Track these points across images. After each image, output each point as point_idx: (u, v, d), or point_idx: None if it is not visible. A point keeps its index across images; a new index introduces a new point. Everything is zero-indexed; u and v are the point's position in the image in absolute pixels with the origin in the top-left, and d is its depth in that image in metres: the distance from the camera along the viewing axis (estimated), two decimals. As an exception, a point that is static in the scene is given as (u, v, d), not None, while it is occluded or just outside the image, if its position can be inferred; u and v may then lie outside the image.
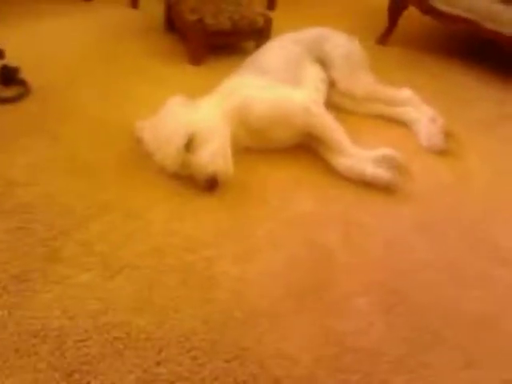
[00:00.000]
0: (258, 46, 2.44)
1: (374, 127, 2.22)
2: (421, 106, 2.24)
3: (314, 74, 2.18)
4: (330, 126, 1.94)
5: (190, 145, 1.74)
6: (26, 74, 2.14)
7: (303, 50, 2.20)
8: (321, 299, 1.46)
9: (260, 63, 2.09)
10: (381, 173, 1.85)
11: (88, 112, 2.06)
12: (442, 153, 2.12)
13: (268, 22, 2.53)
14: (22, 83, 2.06)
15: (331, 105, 2.25)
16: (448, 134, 2.15)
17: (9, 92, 2.05)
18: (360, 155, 1.91)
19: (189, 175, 1.77)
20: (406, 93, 2.28)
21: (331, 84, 2.26)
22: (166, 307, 1.38)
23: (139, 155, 1.83)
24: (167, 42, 2.76)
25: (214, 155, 1.72)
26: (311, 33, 2.31)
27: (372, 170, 1.86)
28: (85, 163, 1.81)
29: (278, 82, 2.00)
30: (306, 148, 2.02)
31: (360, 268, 1.57)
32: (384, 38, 2.89)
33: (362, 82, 2.23)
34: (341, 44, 2.26)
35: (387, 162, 1.91)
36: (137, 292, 1.41)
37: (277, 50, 2.16)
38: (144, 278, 1.45)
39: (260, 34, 2.53)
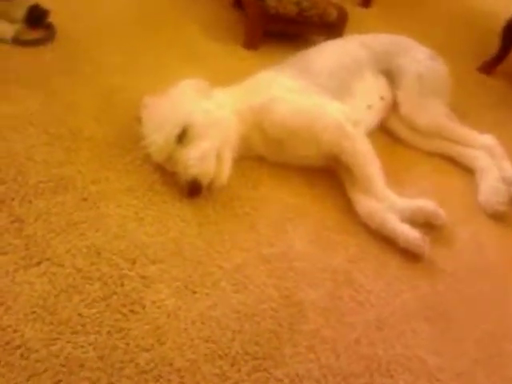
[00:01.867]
0: (328, 42, 2.06)
1: (427, 168, 1.80)
2: (502, 160, 1.77)
3: (372, 89, 1.80)
4: (364, 155, 1.56)
5: (183, 137, 1.45)
6: (55, 21, 1.95)
7: (369, 58, 1.82)
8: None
9: (306, 62, 1.74)
10: (406, 230, 1.45)
11: (105, 77, 1.82)
12: (502, 219, 1.64)
13: (343, 16, 2.16)
14: (49, 27, 1.88)
15: (387, 130, 1.86)
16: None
17: (33, 34, 1.88)
18: (390, 201, 1.52)
19: (174, 172, 1.48)
20: (487, 140, 1.82)
21: (394, 106, 1.84)
22: (67, 324, 1.12)
23: (134, 135, 1.57)
24: (229, 18, 2.44)
25: (204, 156, 1.43)
26: (387, 39, 1.91)
27: (395, 224, 1.47)
28: (70, 130, 1.58)
29: (316, 88, 1.64)
30: (330, 173, 1.65)
31: (325, 352, 1.21)
32: (489, 66, 2.38)
33: (430, 112, 1.80)
34: (419, 60, 1.84)
35: (422, 218, 1.51)
36: (43, 293, 1.16)
37: (333, 51, 1.80)
38: (61, 280, 1.20)
39: (331, 29, 2.16)
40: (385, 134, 1.88)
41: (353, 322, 1.29)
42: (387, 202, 1.51)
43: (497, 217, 1.64)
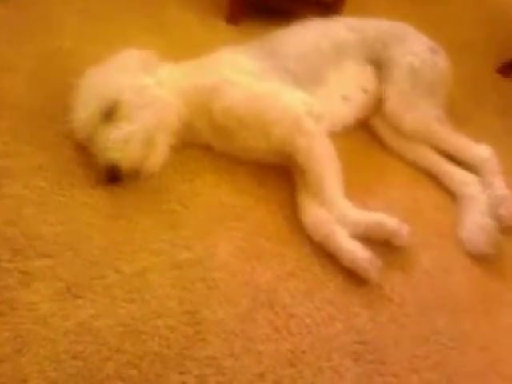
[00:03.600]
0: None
1: (403, 179, 1.54)
2: (494, 176, 1.48)
3: (351, 79, 1.55)
4: (320, 156, 1.33)
5: (112, 115, 1.26)
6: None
7: (357, 44, 1.56)
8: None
9: (276, 42, 1.50)
10: (354, 249, 1.22)
11: (53, 38, 1.63)
12: (483, 260, 1.38)
13: None
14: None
15: (369, 130, 1.61)
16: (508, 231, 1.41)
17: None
18: (342, 211, 1.29)
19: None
20: (481, 151, 1.53)
21: (380, 101, 1.58)
22: None
23: (64, 107, 1.38)
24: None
25: (128, 138, 1.24)
26: (382, 25, 1.64)
27: (342, 239, 1.24)
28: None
29: (280, 72, 1.41)
30: (284, 172, 1.43)
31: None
32: (509, 68, 2.06)
33: (419, 113, 1.52)
34: (415, 52, 1.57)
35: (380, 235, 1.28)
36: None
37: (311, 32, 1.54)
38: None
39: (327, 9, 1.89)
40: (367, 133, 1.63)
41: (261, 352, 1.09)
42: (338, 213, 1.28)
43: (478, 257, 1.37)
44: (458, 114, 1.73)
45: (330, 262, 1.26)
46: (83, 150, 1.31)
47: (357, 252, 1.22)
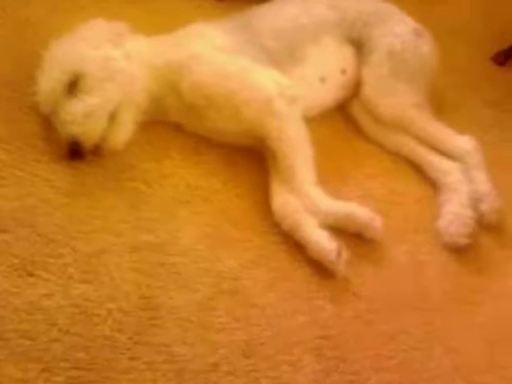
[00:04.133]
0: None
1: (381, 167, 1.48)
2: (477, 170, 1.43)
3: (330, 59, 1.49)
4: (292, 140, 1.28)
5: (73, 87, 1.21)
6: None
7: (337, 22, 1.50)
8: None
9: (252, 18, 1.44)
10: (321, 240, 1.18)
11: (26, 5, 1.57)
12: (460, 258, 1.33)
13: None
14: None
15: (348, 114, 1.56)
16: (490, 228, 1.36)
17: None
18: (313, 200, 1.24)
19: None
20: (462, 142, 1.47)
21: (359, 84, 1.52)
22: None
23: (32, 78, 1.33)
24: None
25: (89, 113, 1.19)
26: (365, 3, 1.57)
27: (309, 229, 1.20)
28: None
29: (253, 49, 1.35)
30: (256, 155, 1.38)
31: (168, 373, 0.99)
32: (504, 57, 1.99)
33: (398, 99, 1.46)
34: (397, 33, 1.50)
35: (351, 227, 1.24)
36: None
37: (290, 8, 1.48)
38: None
39: None
40: (345, 116, 1.57)
41: (216, 342, 1.05)
42: (308, 201, 1.24)
43: (454, 249, 1.32)
44: (445, 102, 1.68)
45: (297, 252, 1.22)
46: (49, 124, 1.26)
47: (324, 243, 1.17)
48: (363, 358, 1.10)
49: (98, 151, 1.24)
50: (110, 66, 1.24)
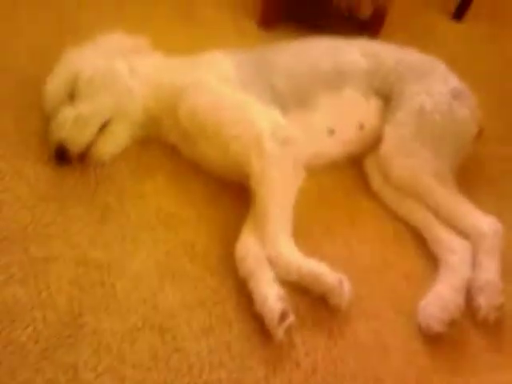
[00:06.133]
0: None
1: (380, 236, 1.35)
2: (489, 256, 1.25)
3: (346, 111, 1.39)
4: (273, 184, 1.21)
5: (74, 92, 1.26)
6: None
7: (365, 72, 1.40)
8: None
9: (272, 55, 1.39)
10: (269, 298, 1.10)
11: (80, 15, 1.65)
12: (435, 343, 1.17)
13: (377, 17, 1.70)
14: None
15: (359, 169, 1.45)
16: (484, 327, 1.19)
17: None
18: (278, 251, 1.17)
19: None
20: (485, 223, 1.28)
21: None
22: None
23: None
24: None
25: (79, 120, 1.24)
26: (408, 57, 1.45)
27: (261, 282, 1.13)
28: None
29: (262, 86, 1.30)
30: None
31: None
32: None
33: (417, 165, 1.32)
34: (433, 93, 1.37)
35: (316, 288, 1.15)
36: None
37: (316, 50, 1.41)
38: None
39: (363, 28, 1.72)
40: (356, 172, 1.46)
41: (126, 378, 1.02)
42: (273, 251, 1.16)
43: (425, 332, 1.17)
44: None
45: (248, 302, 1.14)
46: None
47: (270, 301, 1.09)
48: None
49: (84, 159, 1.26)
50: (109, 78, 1.27)
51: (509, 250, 1.28)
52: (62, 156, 1.23)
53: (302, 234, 1.24)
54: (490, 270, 1.22)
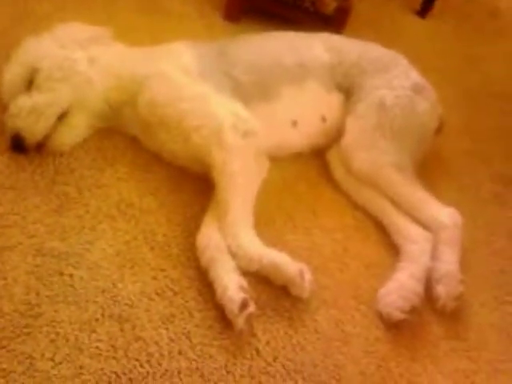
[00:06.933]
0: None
1: (342, 226, 1.36)
2: (449, 247, 1.28)
3: (309, 103, 1.40)
4: (233, 175, 1.21)
5: (31, 83, 1.23)
6: None
7: (330, 67, 1.41)
8: None
9: (235, 48, 1.39)
10: (229, 287, 1.10)
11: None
12: (393, 331, 1.19)
13: (344, 10, 1.71)
14: None
15: (323, 160, 1.46)
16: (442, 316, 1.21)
17: None
18: (239, 241, 1.17)
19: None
20: (445, 215, 1.31)
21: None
22: None
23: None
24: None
25: (35, 110, 1.21)
26: (371, 51, 1.47)
27: (222, 272, 1.12)
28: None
29: (222, 79, 1.30)
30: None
31: None
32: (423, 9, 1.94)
33: (377, 156, 1.34)
34: (394, 86, 1.39)
35: (277, 278, 1.15)
36: None
37: (279, 44, 1.42)
38: None
39: (327, 23, 1.74)
40: (320, 163, 1.47)
41: (84, 367, 1.01)
42: (234, 241, 1.16)
43: (386, 319, 1.19)
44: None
45: (208, 292, 1.14)
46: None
47: (231, 290, 1.09)
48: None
49: (41, 149, 1.24)
50: (67, 67, 1.25)
51: (467, 240, 1.31)
52: (18, 145, 1.21)
53: (264, 224, 1.25)
54: (449, 261, 1.25)
